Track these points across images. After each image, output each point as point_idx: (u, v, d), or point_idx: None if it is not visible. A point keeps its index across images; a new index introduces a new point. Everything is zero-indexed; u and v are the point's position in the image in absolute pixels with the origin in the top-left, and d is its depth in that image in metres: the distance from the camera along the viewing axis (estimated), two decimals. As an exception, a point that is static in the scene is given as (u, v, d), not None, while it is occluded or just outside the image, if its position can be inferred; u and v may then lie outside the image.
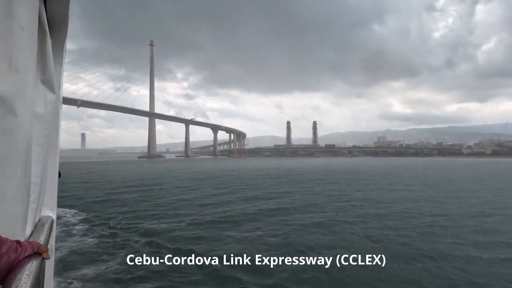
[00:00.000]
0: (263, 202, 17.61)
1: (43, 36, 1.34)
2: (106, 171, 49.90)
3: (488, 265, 8.11)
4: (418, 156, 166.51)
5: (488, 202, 17.82)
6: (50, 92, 1.55)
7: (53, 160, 1.73)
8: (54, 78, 1.58)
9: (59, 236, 10.51)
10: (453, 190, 23.38)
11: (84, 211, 15.00)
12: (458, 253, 8.92)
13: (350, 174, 40.47)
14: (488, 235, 10.74)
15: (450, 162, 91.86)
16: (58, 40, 1.67)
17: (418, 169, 52.21)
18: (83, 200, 18.49)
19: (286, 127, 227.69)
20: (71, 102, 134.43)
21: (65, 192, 20.97)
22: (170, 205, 17.00)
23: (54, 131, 1.70)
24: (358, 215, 13.86)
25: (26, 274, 0.82)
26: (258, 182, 30.02)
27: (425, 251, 9.01)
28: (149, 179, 33.10)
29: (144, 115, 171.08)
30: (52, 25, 1.55)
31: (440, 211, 14.75)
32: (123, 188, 24.67)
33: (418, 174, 41.67)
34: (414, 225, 11.89)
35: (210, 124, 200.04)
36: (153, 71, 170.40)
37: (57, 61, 1.70)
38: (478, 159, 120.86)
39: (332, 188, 24.64)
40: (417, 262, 8.21)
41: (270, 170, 49.00)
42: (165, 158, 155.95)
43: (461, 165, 68.09)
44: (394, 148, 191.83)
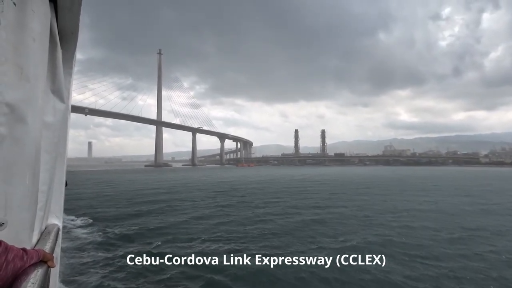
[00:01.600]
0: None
1: (54, 47, 1.38)
2: (129, 181, 46.20)
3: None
4: (432, 165, 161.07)
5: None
6: (60, 101, 1.57)
7: (60, 168, 1.75)
8: (64, 88, 1.61)
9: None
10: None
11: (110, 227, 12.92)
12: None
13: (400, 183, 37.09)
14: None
15: (479, 171, 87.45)
16: (68, 51, 1.71)
17: (463, 179, 48.43)
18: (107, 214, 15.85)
19: (294, 135, 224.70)
20: (79, 110, 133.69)
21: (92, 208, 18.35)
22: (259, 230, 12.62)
23: (62, 139, 1.70)
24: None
25: (31, 283, 0.82)
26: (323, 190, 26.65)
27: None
28: (181, 194, 29.95)
29: (152, 123, 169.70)
30: (62, 36, 1.59)
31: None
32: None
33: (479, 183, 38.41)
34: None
35: (217, 133, 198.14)
36: (161, 79, 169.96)
37: (67, 71, 1.74)
38: (499, 169, 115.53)
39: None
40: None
41: (315, 178, 45.85)
42: (173, 167, 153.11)
43: (495, 175, 63.44)
44: (406, 157, 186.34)
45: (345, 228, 12.63)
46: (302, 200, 21.86)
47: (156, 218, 15.17)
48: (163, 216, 15.59)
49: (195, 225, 13.53)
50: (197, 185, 37.56)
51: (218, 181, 44.32)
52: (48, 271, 0.99)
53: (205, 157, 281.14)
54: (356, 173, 70.84)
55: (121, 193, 27.91)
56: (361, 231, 12.09)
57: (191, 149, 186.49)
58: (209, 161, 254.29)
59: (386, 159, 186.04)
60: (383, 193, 26.94)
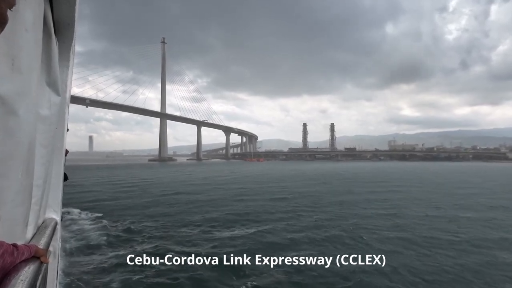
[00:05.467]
0: None
1: (48, 38, 1.34)
2: (159, 183, 36.64)
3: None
4: (453, 160, 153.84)
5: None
6: (56, 94, 1.53)
7: (58, 162, 1.73)
8: (60, 81, 1.56)
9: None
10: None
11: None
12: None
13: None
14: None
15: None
16: (65, 42, 1.67)
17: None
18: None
19: (302, 129, 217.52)
20: (80, 101, 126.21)
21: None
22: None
23: (59, 133, 1.67)
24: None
25: (20, 280, 0.79)
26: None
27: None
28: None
29: (156, 116, 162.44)
30: (58, 27, 1.55)
31: None
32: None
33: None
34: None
35: (223, 126, 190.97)
36: (164, 69, 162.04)
37: (64, 64, 1.71)
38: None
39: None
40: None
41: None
42: (177, 162, 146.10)
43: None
44: (424, 152, 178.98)
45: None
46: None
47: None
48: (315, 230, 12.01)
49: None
50: (257, 185, 30.90)
51: (259, 180, 37.49)
52: (41, 267, 0.95)
53: (208, 151, 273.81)
54: (403, 169, 65.21)
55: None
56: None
57: (195, 143, 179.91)
58: (213, 155, 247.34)
59: (402, 154, 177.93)
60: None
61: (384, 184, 30.80)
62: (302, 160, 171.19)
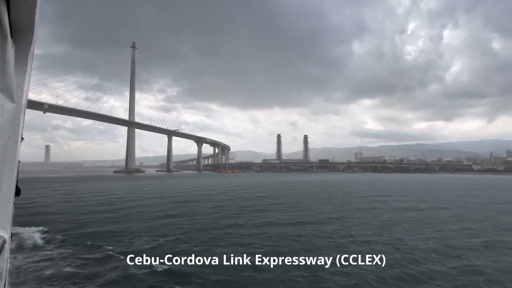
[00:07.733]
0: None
1: (3, 41, 1.28)
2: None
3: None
4: (422, 172, 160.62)
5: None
6: (9, 100, 1.43)
7: (9, 174, 1.59)
8: (15, 86, 1.46)
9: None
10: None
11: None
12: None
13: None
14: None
15: (497, 179, 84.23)
16: (22, 46, 1.56)
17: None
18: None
19: (277, 141, 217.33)
20: (37, 106, 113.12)
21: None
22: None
23: (12, 142, 1.54)
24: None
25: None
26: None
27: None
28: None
29: (124, 124, 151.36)
30: (15, 30, 1.46)
31: None
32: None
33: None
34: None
35: (195, 136, 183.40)
36: (134, 75, 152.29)
37: (21, 69, 1.60)
38: (496, 176, 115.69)
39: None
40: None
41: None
42: (146, 173, 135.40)
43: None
44: (395, 164, 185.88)
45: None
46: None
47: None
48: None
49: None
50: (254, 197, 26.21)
51: (253, 194, 32.90)
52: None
53: (176, 162, 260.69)
54: (384, 180, 63.28)
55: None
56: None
57: (163, 154, 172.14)
58: (183, 167, 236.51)
59: (374, 166, 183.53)
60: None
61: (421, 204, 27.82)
62: (277, 172, 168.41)
